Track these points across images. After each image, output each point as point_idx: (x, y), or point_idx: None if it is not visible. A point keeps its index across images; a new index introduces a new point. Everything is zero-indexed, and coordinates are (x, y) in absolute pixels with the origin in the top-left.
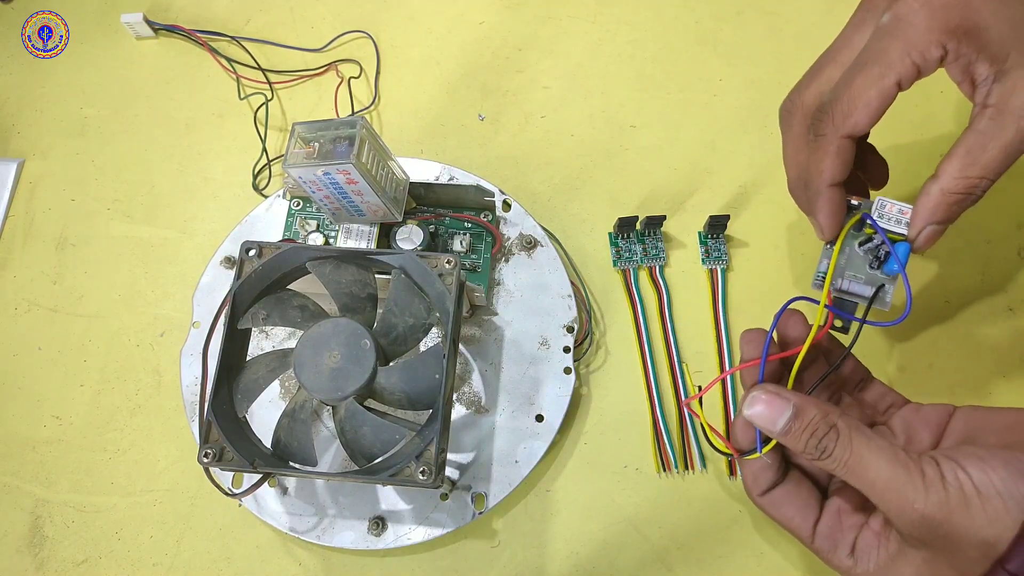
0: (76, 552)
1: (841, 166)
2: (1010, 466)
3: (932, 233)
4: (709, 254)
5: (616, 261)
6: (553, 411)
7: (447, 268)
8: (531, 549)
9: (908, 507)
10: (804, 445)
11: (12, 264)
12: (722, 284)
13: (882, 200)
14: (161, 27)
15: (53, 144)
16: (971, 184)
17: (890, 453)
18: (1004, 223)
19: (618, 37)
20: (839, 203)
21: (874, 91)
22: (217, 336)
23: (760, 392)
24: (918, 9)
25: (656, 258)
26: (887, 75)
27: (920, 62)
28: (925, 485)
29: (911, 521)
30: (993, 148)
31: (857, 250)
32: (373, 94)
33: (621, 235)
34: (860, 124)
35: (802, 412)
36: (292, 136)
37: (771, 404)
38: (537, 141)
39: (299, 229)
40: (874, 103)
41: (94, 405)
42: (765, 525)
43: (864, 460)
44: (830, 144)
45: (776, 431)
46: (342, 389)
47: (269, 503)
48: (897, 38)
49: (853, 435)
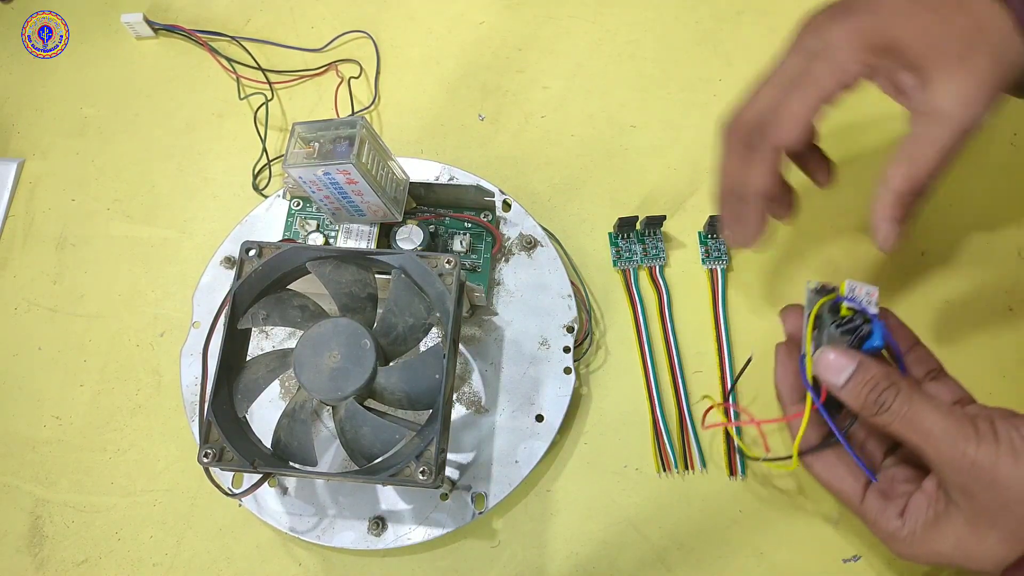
0: (76, 552)
1: (771, 177)
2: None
3: (890, 231)
4: (709, 254)
5: (616, 261)
6: (553, 411)
7: (447, 268)
8: (531, 549)
9: (959, 454)
10: (864, 399)
11: (12, 264)
12: (722, 284)
13: (851, 283)
14: (161, 27)
15: (53, 144)
16: (917, 184)
17: (946, 408)
18: (1004, 223)
19: (618, 37)
20: (765, 213)
21: (802, 108)
22: (217, 336)
23: (826, 349)
24: (841, 34)
25: (656, 258)
26: (813, 93)
27: (845, 79)
28: (978, 437)
29: (961, 468)
30: (929, 149)
31: (835, 331)
32: (373, 94)
33: (621, 235)
34: (791, 138)
35: (865, 367)
36: (292, 136)
37: (840, 356)
38: (537, 141)
39: (299, 229)
40: (802, 119)
41: (94, 405)
42: (765, 525)
43: (921, 413)
44: (764, 157)
45: (839, 383)
46: (342, 389)
47: (269, 503)
48: (824, 60)
49: (912, 392)
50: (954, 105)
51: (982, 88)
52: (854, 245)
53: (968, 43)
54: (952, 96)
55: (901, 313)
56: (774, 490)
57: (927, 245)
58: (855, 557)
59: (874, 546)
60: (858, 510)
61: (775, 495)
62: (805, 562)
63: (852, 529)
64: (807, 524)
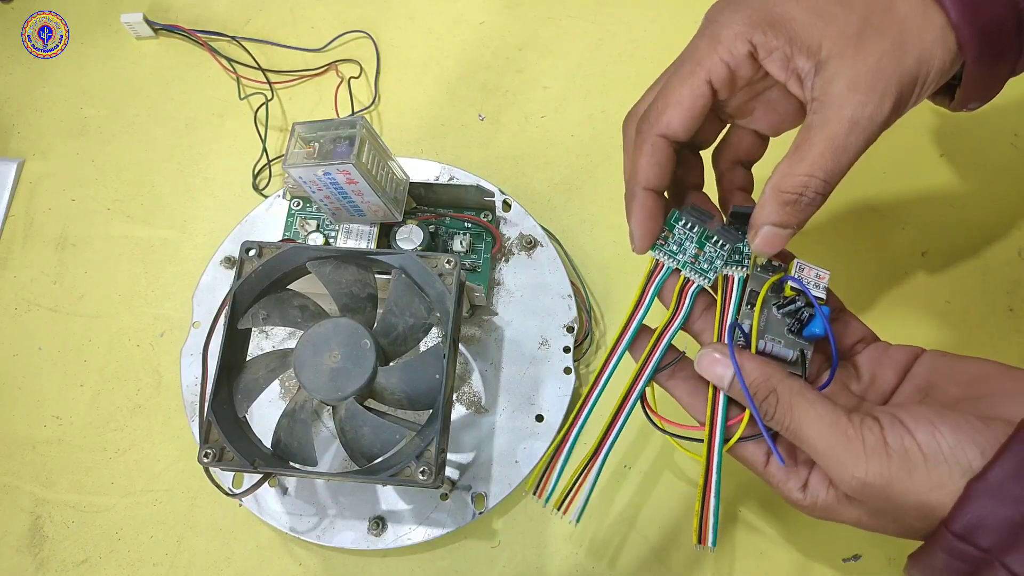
0: (76, 552)
1: (655, 167)
2: (960, 432)
3: (769, 235)
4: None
5: (659, 246)
6: (553, 411)
7: (447, 268)
8: (531, 549)
9: (848, 475)
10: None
11: (12, 264)
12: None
13: (800, 263)
14: (161, 27)
15: (53, 144)
16: (800, 182)
17: (831, 419)
18: (1004, 223)
19: (618, 37)
20: (652, 209)
21: (685, 89)
22: (217, 336)
23: (710, 349)
24: (728, 13)
25: (704, 274)
26: (697, 72)
27: (728, 58)
28: (866, 453)
29: (851, 487)
30: (819, 142)
31: (775, 313)
32: (373, 94)
33: (688, 221)
34: (673, 123)
35: (744, 372)
36: (292, 136)
37: (715, 362)
38: (537, 141)
39: (299, 229)
40: (686, 101)
41: (94, 405)
42: (765, 525)
43: (804, 426)
44: (644, 143)
45: (723, 386)
46: (342, 389)
47: (269, 503)
48: (706, 38)
49: (794, 400)
50: (843, 91)
51: (878, 77)
52: (850, 244)
53: (868, 23)
54: (842, 81)
55: (902, 313)
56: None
57: (927, 245)
58: (855, 557)
59: (874, 546)
60: (761, 474)
61: (775, 495)
62: (805, 562)
63: (852, 529)
64: (807, 524)
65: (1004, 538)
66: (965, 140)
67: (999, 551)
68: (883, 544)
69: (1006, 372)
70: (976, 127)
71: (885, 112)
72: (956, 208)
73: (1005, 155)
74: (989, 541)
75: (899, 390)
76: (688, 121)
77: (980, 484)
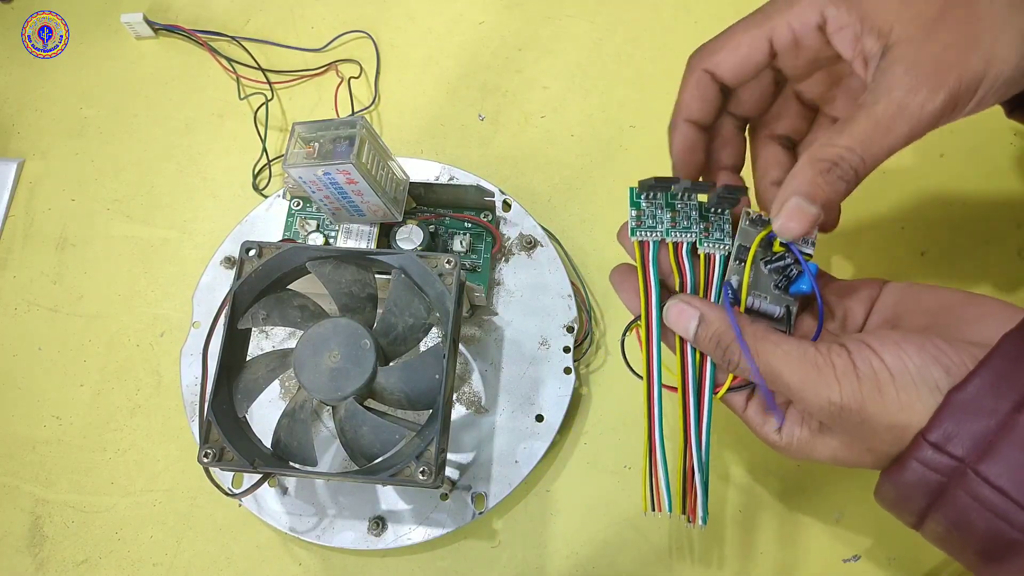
0: (76, 552)
1: (697, 100)
2: (924, 351)
3: (795, 208)
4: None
5: (636, 229)
6: (553, 411)
7: (447, 268)
8: (531, 549)
9: (824, 400)
10: (712, 353)
11: (12, 264)
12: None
13: None
14: (161, 27)
15: (53, 144)
16: (836, 152)
17: (798, 354)
18: (1004, 223)
19: (617, 37)
20: (692, 141)
21: (746, 37)
22: (217, 336)
23: (676, 300)
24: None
25: (687, 231)
26: (763, 25)
27: (796, 25)
28: (837, 377)
29: (828, 413)
30: (863, 119)
31: (763, 268)
32: (373, 94)
33: (646, 195)
34: (722, 64)
35: (706, 321)
36: (292, 136)
37: (682, 312)
38: (537, 141)
39: (299, 229)
40: (742, 48)
41: (94, 405)
42: (765, 525)
43: (774, 366)
44: (692, 74)
45: (689, 336)
46: (342, 389)
47: (269, 503)
48: (781, 1)
49: (759, 346)
50: (899, 75)
51: (938, 67)
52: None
53: (944, 14)
54: (902, 65)
55: None
56: (774, 490)
57: (927, 245)
58: (855, 557)
59: (874, 546)
60: (741, 416)
61: (775, 495)
62: (805, 562)
63: (852, 529)
64: (807, 524)
65: (977, 446)
66: (965, 140)
67: (973, 459)
68: (883, 544)
69: (969, 299)
70: (976, 127)
71: (937, 104)
72: (956, 208)
73: (1005, 154)
74: (963, 450)
75: (868, 322)
76: (737, 67)
77: (959, 395)
